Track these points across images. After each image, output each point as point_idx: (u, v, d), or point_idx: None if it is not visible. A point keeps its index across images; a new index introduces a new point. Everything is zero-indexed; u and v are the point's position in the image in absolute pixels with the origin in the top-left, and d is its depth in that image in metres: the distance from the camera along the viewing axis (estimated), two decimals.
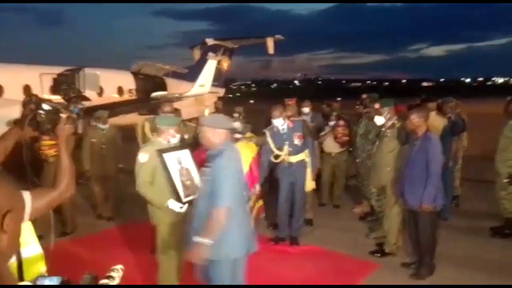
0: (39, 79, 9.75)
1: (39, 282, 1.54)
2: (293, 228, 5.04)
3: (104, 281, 1.66)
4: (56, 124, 1.80)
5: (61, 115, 1.80)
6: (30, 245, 1.62)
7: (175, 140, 3.61)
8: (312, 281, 4.08)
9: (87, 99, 2.11)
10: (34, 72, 10.08)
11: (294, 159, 4.91)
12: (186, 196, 3.49)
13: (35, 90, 9.56)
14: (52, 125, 1.80)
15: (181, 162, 3.57)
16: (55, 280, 1.54)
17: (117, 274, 1.73)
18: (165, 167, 3.46)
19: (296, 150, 4.91)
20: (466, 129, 6.44)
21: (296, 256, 4.73)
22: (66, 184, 1.68)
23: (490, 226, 5.28)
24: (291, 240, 5.00)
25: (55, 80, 2.28)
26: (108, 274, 1.71)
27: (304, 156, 4.94)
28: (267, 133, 5.00)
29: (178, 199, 3.46)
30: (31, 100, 1.92)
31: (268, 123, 5.22)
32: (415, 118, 4.03)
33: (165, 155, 3.48)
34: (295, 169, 4.92)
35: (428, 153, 3.94)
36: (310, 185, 5.03)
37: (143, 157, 3.50)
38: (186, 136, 4.95)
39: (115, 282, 1.69)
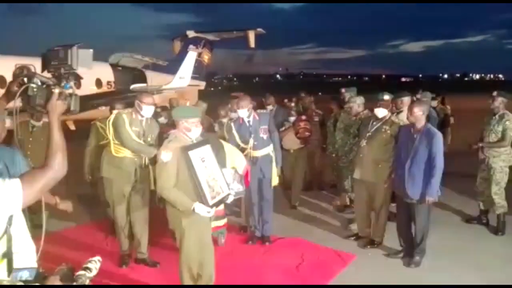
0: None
1: (14, 274, 1.51)
2: (265, 227, 4.90)
3: (81, 272, 1.65)
4: (48, 100, 1.71)
5: (53, 90, 1.71)
6: (21, 240, 1.58)
7: (193, 133, 3.27)
8: (292, 273, 4.12)
9: (79, 77, 1.88)
10: (9, 62, 9.80)
11: (259, 153, 4.71)
12: (212, 198, 3.21)
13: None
14: (44, 101, 1.71)
15: (204, 159, 3.24)
16: (28, 273, 1.52)
17: (94, 265, 1.72)
18: (191, 167, 3.13)
19: (261, 144, 4.71)
20: (448, 125, 6.55)
21: (275, 248, 4.76)
22: (58, 162, 1.60)
23: (467, 218, 5.45)
24: (262, 239, 4.89)
25: (44, 55, 2.04)
26: (85, 266, 1.70)
27: (269, 150, 4.77)
28: (232, 126, 4.79)
29: (205, 202, 3.17)
30: (22, 71, 1.79)
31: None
32: (417, 111, 4.06)
33: (190, 153, 3.14)
34: (261, 165, 4.71)
35: (432, 146, 3.99)
36: (275, 180, 4.89)
37: (166, 156, 3.13)
38: None
39: (92, 273, 1.68)
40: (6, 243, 1.52)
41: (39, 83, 1.72)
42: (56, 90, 1.71)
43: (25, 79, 1.74)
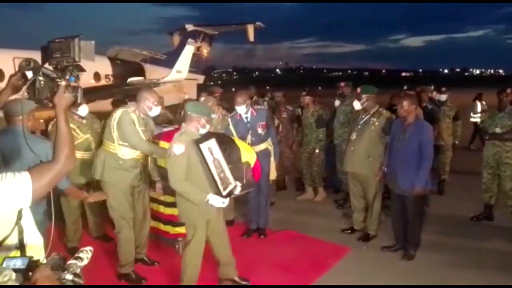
0: (13, 63, 9.48)
1: (6, 263, 1.54)
2: (261, 220, 4.95)
3: (72, 262, 1.68)
4: (54, 93, 1.69)
5: (60, 83, 1.69)
6: (31, 233, 1.61)
7: (204, 130, 3.36)
8: (286, 265, 4.15)
9: (83, 69, 1.78)
10: (7, 56, 9.78)
11: (256, 149, 4.65)
12: (224, 189, 3.31)
13: (8, 75, 9.28)
14: (51, 94, 1.69)
15: (212, 152, 3.35)
16: (20, 261, 1.54)
17: (85, 255, 1.74)
18: (203, 159, 3.21)
19: (259, 140, 4.71)
20: (458, 119, 6.56)
21: (270, 241, 4.80)
22: (66, 155, 1.60)
23: (472, 215, 5.38)
24: (259, 232, 4.94)
25: (45, 48, 1.94)
26: (76, 255, 1.73)
27: (267, 145, 4.78)
28: (230, 121, 4.79)
29: (219, 193, 3.24)
30: (29, 64, 1.72)
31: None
32: (407, 105, 4.14)
33: (201, 146, 3.24)
34: (259, 159, 4.59)
35: (422, 138, 4.08)
36: (273, 174, 4.92)
37: (178, 148, 3.18)
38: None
39: (83, 263, 1.70)
40: (17, 236, 1.56)
41: (48, 75, 1.71)
42: (63, 83, 1.70)
43: (28, 73, 1.72)
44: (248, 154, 4.21)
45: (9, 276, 1.34)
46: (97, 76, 12.45)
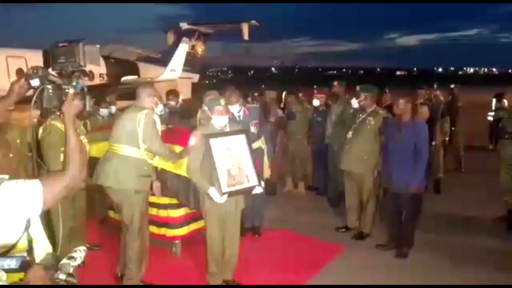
0: (5, 62, 9.42)
1: (0, 262, 1.53)
2: (256, 219, 4.96)
3: (65, 261, 1.68)
4: (63, 101, 1.66)
5: (67, 90, 1.66)
6: (41, 242, 1.61)
7: (219, 121, 3.46)
8: (280, 264, 4.16)
9: (88, 75, 1.73)
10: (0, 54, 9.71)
11: None
12: (230, 185, 3.39)
13: (1, 74, 9.22)
14: (59, 102, 1.67)
15: (231, 148, 3.46)
16: (15, 260, 1.54)
17: (79, 254, 1.74)
18: (209, 153, 3.34)
19: (252, 138, 4.61)
20: (444, 117, 6.60)
21: (265, 240, 4.82)
22: (76, 167, 1.59)
23: (464, 213, 5.44)
24: (253, 231, 4.95)
25: (48, 52, 1.85)
26: (70, 255, 1.73)
27: (260, 143, 4.78)
28: None
29: (218, 188, 3.33)
30: (36, 73, 1.67)
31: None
32: (402, 104, 4.16)
33: (211, 141, 3.36)
34: None
35: (417, 137, 4.11)
36: (267, 172, 4.93)
37: (191, 140, 3.47)
38: None
39: (77, 262, 1.70)
40: (27, 244, 1.56)
41: (52, 84, 1.68)
42: (71, 90, 1.67)
43: (34, 80, 1.68)
44: None
45: None
46: (91, 75, 12.41)
